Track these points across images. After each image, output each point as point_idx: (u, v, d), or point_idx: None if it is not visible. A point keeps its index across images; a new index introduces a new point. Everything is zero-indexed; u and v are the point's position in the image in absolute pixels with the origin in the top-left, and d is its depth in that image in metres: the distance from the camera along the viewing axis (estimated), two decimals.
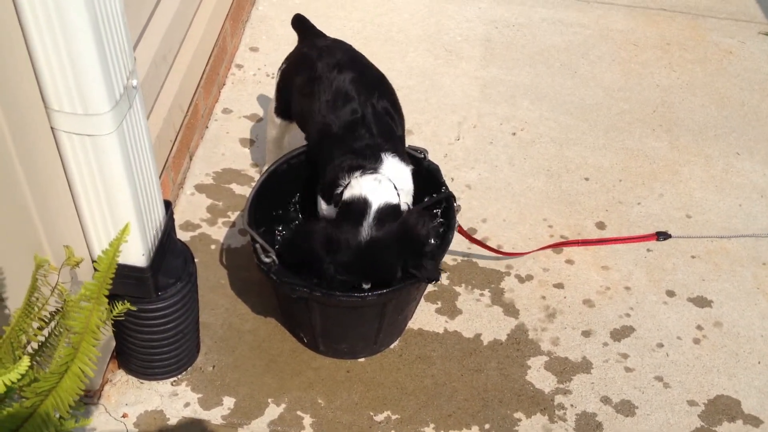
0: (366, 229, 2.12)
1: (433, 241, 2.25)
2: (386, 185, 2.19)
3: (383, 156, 2.23)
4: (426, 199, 2.42)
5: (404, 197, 2.29)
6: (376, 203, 2.14)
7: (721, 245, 2.80)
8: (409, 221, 2.17)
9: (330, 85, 2.34)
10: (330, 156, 2.28)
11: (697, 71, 3.49)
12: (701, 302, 2.63)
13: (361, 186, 2.18)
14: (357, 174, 2.20)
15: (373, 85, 2.37)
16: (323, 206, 2.32)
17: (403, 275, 2.16)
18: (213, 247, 2.67)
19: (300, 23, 2.67)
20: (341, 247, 2.11)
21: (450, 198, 2.40)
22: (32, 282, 1.41)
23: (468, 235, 2.54)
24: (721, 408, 2.36)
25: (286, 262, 2.17)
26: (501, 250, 2.66)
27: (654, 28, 3.70)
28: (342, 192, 2.21)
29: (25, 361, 1.06)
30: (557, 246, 2.73)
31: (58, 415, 1.23)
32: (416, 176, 2.42)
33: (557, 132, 3.17)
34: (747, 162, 3.11)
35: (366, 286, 2.15)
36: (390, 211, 2.16)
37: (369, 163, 2.22)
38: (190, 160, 2.91)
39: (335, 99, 2.32)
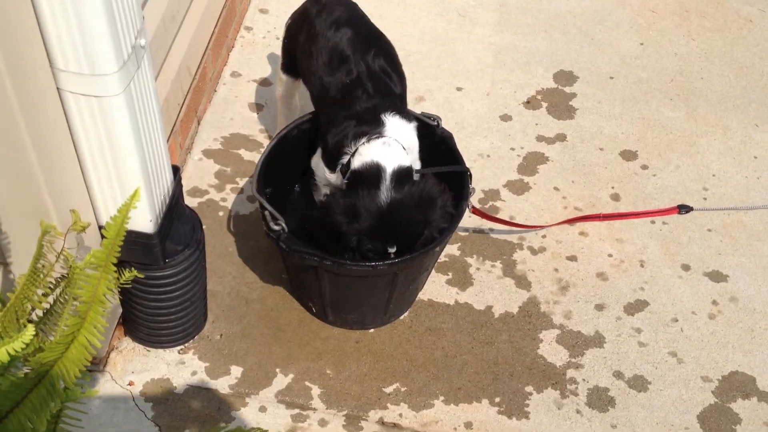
0: (385, 192, 2.09)
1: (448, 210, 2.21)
2: (395, 147, 2.17)
3: (384, 117, 2.20)
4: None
5: (411, 156, 2.25)
6: (390, 167, 2.12)
7: (738, 219, 2.75)
8: (428, 186, 2.15)
9: (327, 44, 2.30)
10: (330, 121, 2.25)
11: (716, 40, 3.41)
12: (717, 277, 2.58)
13: (370, 153, 2.15)
14: (363, 140, 2.17)
15: (369, 42, 2.32)
16: (327, 173, 2.27)
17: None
18: (221, 213, 2.63)
19: None
20: (362, 213, 2.08)
21: (466, 173, 2.33)
22: (38, 248, 1.37)
23: (484, 214, 2.49)
24: (736, 384, 2.33)
25: (317, 242, 2.14)
26: (518, 223, 2.60)
27: None
28: (349, 161, 2.17)
29: (30, 330, 1.02)
30: (578, 220, 2.66)
31: (63, 386, 1.19)
32: (429, 144, 2.36)
33: (572, 100, 3.11)
34: (766, 134, 3.04)
35: (391, 251, 2.11)
36: (404, 174, 2.14)
37: (372, 127, 2.18)
38: (198, 124, 2.85)
39: (331, 59, 2.29)
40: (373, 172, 2.12)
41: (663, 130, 3.03)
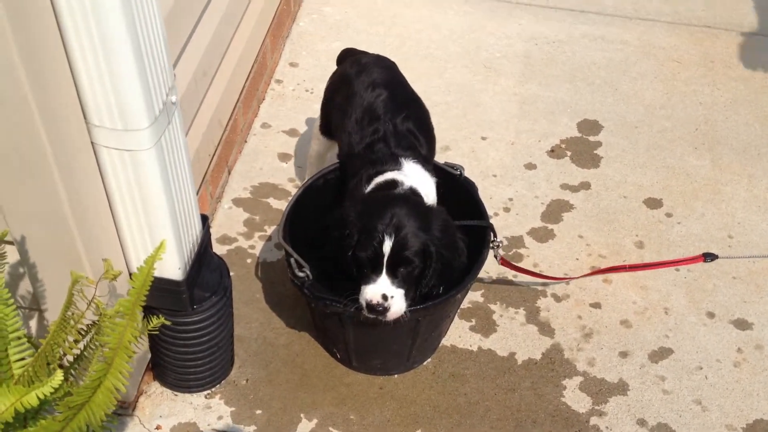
0: (392, 193, 2.17)
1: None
2: (411, 178, 2.22)
3: (402, 160, 2.26)
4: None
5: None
6: (408, 183, 2.19)
7: (764, 266, 2.74)
8: (441, 214, 2.18)
9: (362, 103, 2.37)
10: (352, 174, 2.32)
11: (741, 89, 3.43)
12: (742, 324, 2.58)
13: (385, 177, 2.22)
14: (378, 178, 2.24)
15: (402, 105, 2.38)
16: None
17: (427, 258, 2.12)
18: (249, 260, 2.69)
19: (347, 55, 2.69)
20: (362, 204, 2.15)
21: (488, 226, 2.36)
22: (68, 297, 1.44)
23: (512, 266, 2.52)
24: None
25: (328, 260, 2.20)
26: (546, 275, 2.62)
27: (698, 45, 3.65)
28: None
29: (59, 375, 1.07)
30: (606, 272, 2.65)
31: (90, 430, 1.24)
32: (452, 194, 2.41)
33: (597, 149, 3.14)
34: None
35: (386, 250, 2.05)
36: (417, 194, 2.19)
37: (388, 166, 2.25)
38: (229, 174, 2.94)
39: (363, 117, 2.36)
40: (389, 185, 2.19)
41: (688, 179, 3.05)
